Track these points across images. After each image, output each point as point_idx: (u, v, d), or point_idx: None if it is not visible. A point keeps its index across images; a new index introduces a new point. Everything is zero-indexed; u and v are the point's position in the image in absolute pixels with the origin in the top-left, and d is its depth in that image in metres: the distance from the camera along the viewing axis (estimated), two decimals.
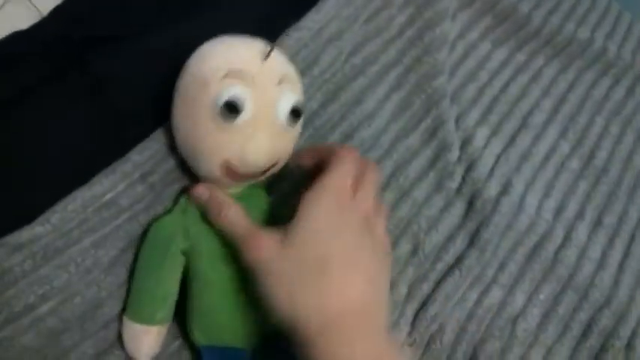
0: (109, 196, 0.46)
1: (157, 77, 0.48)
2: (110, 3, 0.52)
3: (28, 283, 0.42)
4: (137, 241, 0.47)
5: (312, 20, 0.59)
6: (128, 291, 0.46)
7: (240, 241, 0.41)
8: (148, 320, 0.44)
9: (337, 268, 0.39)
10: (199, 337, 0.45)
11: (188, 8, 0.54)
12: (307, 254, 0.39)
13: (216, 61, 0.42)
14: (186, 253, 0.45)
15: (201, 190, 0.44)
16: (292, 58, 0.49)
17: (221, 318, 0.45)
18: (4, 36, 0.47)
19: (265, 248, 0.39)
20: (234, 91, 0.40)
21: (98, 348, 0.45)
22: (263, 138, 0.42)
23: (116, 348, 0.45)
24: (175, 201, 0.48)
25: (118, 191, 0.46)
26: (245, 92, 0.41)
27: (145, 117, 0.49)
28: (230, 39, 0.44)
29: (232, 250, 0.43)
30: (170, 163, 0.49)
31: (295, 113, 0.43)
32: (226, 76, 0.41)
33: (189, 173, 0.49)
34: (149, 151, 0.48)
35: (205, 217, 0.45)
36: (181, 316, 0.46)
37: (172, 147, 0.48)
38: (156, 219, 0.46)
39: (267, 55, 0.42)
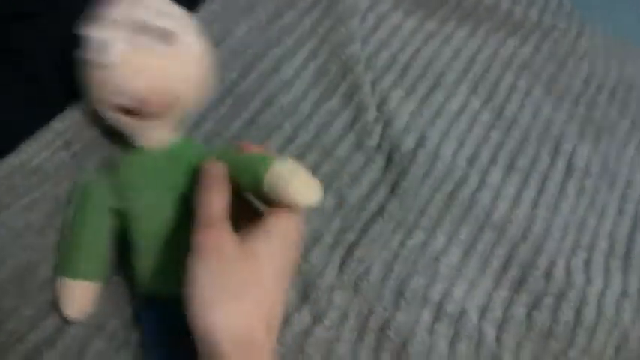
0: (34, 162, 0.48)
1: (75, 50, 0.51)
2: None
3: None
4: (64, 205, 0.49)
5: None
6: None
7: (204, 222, 0.41)
8: (73, 273, 0.46)
9: (268, 299, 0.40)
10: (142, 287, 0.47)
11: None
12: (253, 272, 0.39)
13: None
14: (119, 212, 0.47)
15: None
16: (205, 29, 0.52)
17: (157, 265, 0.47)
18: None
19: (223, 241, 0.39)
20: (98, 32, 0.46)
21: (37, 309, 0.47)
22: (139, 64, 0.46)
23: (55, 309, 0.47)
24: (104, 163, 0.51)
25: (42, 158, 0.49)
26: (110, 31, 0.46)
27: (65, 88, 0.51)
28: None
29: (169, 209, 0.46)
30: (91, 131, 0.51)
31: (163, 33, 0.47)
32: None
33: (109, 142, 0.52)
34: (70, 119, 0.50)
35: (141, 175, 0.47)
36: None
37: None
38: (85, 179, 0.49)
39: None
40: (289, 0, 0.69)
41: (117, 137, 0.51)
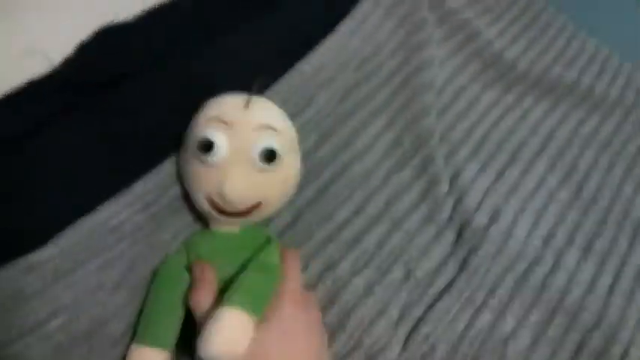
0: (112, 222, 0.51)
1: (162, 112, 0.55)
2: (118, 46, 0.58)
3: (39, 301, 0.46)
4: (138, 265, 0.51)
5: (306, 65, 0.65)
6: (132, 312, 0.50)
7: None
8: (162, 344, 0.48)
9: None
10: None
11: (193, 47, 0.60)
12: (277, 347, 0.46)
13: (206, 110, 0.50)
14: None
15: (196, 267, 0.50)
16: (285, 101, 0.54)
17: None
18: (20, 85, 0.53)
19: None
20: (209, 132, 0.48)
21: None
22: (237, 175, 0.48)
23: None
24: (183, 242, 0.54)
25: (121, 219, 0.51)
26: (220, 133, 0.48)
27: (149, 149, 0.54)
28: (228, 94, 0.52)
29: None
30: (171, 195, 0.54)
31: (269, 155, 0.48)
32: (208, 120, 0.49)
33: (189, 205, 0.54)
34: (152, 182, 0.53)
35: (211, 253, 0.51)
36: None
37: (174, 180, 0.53)
38: (165, 259, 0.52)
39: (247, 104, 0.50)
40: (367, 74, 0.71)
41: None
